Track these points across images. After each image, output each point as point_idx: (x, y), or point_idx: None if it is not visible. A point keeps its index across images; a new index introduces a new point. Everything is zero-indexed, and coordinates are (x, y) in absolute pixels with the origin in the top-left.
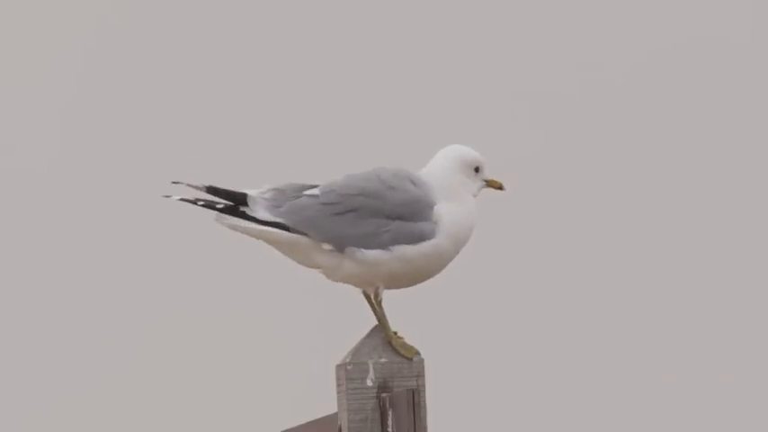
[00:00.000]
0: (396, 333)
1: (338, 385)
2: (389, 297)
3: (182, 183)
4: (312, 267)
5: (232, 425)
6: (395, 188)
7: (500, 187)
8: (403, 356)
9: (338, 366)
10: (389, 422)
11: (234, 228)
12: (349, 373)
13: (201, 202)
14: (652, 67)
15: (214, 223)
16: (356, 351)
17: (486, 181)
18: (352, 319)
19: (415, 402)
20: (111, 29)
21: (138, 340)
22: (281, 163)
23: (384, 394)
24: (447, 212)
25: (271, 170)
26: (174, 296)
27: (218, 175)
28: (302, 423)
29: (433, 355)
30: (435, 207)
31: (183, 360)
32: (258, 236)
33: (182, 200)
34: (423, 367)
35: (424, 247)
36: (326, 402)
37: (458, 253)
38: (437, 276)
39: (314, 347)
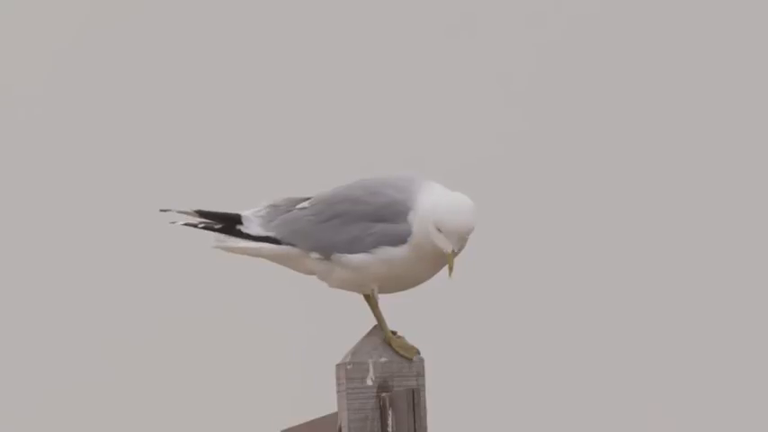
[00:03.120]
0: (395, 333)
1: (338, 385)
2: (390, 297)
3: (171, 210)
4: (310, 275)
5: (232, 425)
6: (376, 193)
7: (450, 267)
8: (403, 357)
9: (338, 366)
10: (389, 422)
11: (230, 249)
12: (349, 372)
13: (202, 225)
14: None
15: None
16: (356, 351)
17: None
18: (352, 319)
19: (415, 402)
20: (88, 37)
21: (137, 341)
22: (276, 179)
23: (384, 394)
24: (418, 224)
25: (265, 187)
26: (174, 297)
27: (212, 191)
28: (302, 423)
29: (433, 355)
30: (410, 213)
31: (183, 360)
32: (252, 253)
33: (185, 224)
34: (423, 367)
35: (403, 249)
36: (326, 402)
37: (433, 267)
38: (438, 276)
39: (314, 347)
